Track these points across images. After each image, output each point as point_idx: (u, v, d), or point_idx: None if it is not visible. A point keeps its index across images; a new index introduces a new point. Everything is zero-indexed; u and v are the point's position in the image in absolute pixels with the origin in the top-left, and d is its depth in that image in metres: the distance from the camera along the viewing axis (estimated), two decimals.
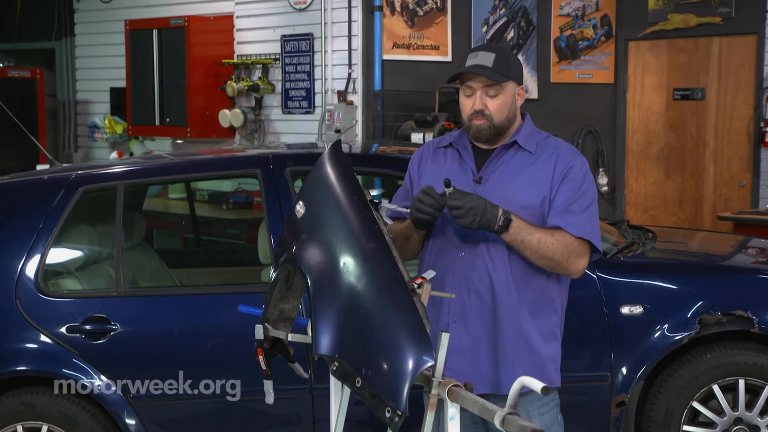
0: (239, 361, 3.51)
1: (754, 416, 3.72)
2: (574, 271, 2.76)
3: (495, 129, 2.76)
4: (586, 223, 2.73)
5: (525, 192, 2.74)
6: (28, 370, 3.58)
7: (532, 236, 2.67)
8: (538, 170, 2.76)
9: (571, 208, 2.72)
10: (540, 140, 2.83)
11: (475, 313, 2.76)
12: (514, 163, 2.79)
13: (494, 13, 7.47)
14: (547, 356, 2.81)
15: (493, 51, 2.76)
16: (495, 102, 2.75)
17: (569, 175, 2.74)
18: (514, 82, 2.78)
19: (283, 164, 3.79)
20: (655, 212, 7.69)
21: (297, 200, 2.60)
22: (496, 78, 2.72)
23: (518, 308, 2.75)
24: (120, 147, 8.93)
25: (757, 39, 7.02)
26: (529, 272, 2.75)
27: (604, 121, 7.75)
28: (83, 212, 3.90)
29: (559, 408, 2.92)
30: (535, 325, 2.78)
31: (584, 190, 2.75)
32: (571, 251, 2.71)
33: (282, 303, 2.61)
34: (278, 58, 7.66)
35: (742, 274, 4.03)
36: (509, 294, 2.74)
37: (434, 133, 6.57)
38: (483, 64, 2.73)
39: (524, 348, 2.76)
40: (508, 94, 2.77)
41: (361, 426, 3.61)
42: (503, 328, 2.75)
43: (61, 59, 9.63)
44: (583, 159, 2.81)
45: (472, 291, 2.76)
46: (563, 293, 2.88)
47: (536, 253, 2.69)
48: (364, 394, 2.22)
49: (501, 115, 2.76)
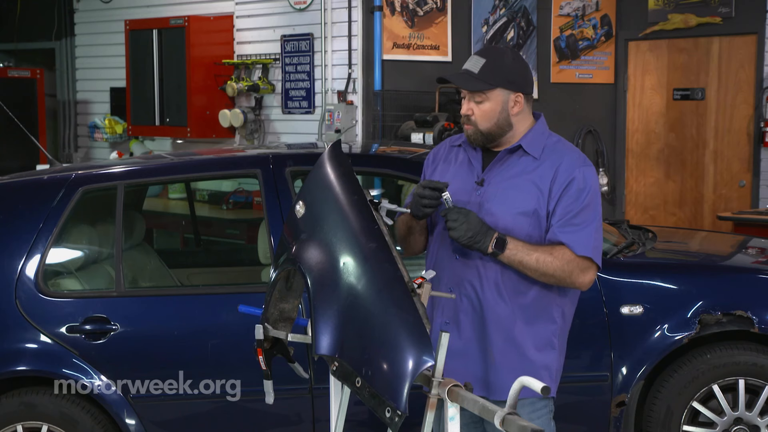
0: (239, 361, 3.52)
1: (754, 416, 3.72)
2: (580, 286, 2.73)
3: (482, 135, 2.74)
4: (589, 238, 2.68)
5: (523, 198, 2.70)
6: (28, 370, 3.58)
7: (529, 257, 2.65)
8: (540, 177, 2.71)
9: (573, 221, 2.67)
10: (548, 145, 2.76)
11: (466, 317, 2.76)
12: (517, 167, 2.74)
13: (494, 13, 7.47)
14: (541, 364, 2.76)
15: (485, 56, 2.72)
16: (479, 109, 2.72)
17: (571, 186, 2.68)
18: (506, 90, 2.71)
19: (283, 164, 3.79)
20: (655, 212, 7.69)
21: (297, 200, 2.60)
22: (474, 86, 2.69)
23: (509, 315, 2.72)
24: (120, 147, 8.93)
25: (757, 39, 7.02)
26: (522, 280, 2.71)
27: (604, 121, 7.75)
28: (83, 212, 3.90)
29: (552, 415, 2.87)
30: (529, 333, 2.74)
31: (587, 203, 2.69)
32: (573, 268, 2.67)
33: (282, 303, 2.61)
34: (278, 58, 7.66)
35: (742, 274, 4.03)
36: (500, 300, 2.72)
37: (434, 133, 6.57)
38: (469, 70, 2.72)
39: (514, 355, 2.73)
40: (495, 101, 2.71)
41: (361, 426, 3.61)
42: (492, 334, 2.73)
43: (61, 59, 9.62)
44: (587, 169, 2.73)
45: (463, 295, 2.76)
46: (565, 302, 2.81)
47: (536, 272, 2.67)
48: (364, 394, 2.22)
49: (487, 122, 2.72)
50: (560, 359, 2.84)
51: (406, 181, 4.62)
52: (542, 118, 2.83)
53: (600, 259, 2.73)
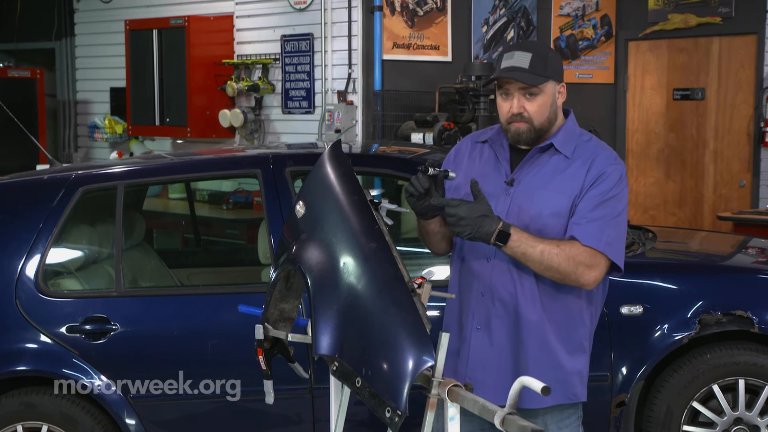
0: (239, 361, 3.51)
1: (754, 416, 3.72)
2: (584, 283, 2.59)
3: (536, 132, 2.63)
4: (600, 231, 2.57)
5: (556, 199, 2.61)
6: (28, 370, 3.58)
7: (534, 248, 2.54)
8: (572, 176, 2.62)
9: (589, 215, 2.58)
10: (579, 143, 2.67)
11: (499, 322, 2.66)
12: (549, 167, 2.65)
13: (494, 13, 7.47)
14: (573, 370, 2.68)
15: (529, 50, 2.62)
16: (533, 104, 2.61)
17: (599, 181, 2.59)
18: (554, 81, 2.64)
19: (283, 164, 3.79)
20: (655, 212, 7.68)
21: (297, 200, 2.60)
22: (533, 81, 2.58)
23: (544, 320, 2.63)
24: (120, 147, 8.93)
25: (757, 39, 7.02)
26: (558, 287, 2.62)
27: (604, 121, 7.75)
28: (83, 212, 3.90)
29: (581, 422, 2.80)
30: (562, 338, 2.66)
31: (610, 197, 2.59)
32: (579, 262, 2.55)
33: (282, 303, 2.61)
34: (278, 58, 7.66)
35: (742, 274, 4.03)
36: (534, 306, 2.63)
37: (434, 133, 6.57)
38: (519, 65, 2.59)
39: (548, 362, 2.64)
40: (548, 94, 2.62)
41: (361, 426, 3.61)
42: (526, 341, 2.64)
43: (61, 59, 9.62)
44: (618, 167, 2.64)
45: (497, 299, 2.66)
46: (594, 303, 2.73)
47: (540, 265, 2.55)
48: (364, 394, 2.21)
49: (541, 117, 2.62)
50: (589, 362, 2.76)
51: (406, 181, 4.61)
52: (572, 115, 2.74)
53: (617, 257, 2.61)
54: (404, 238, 5.36)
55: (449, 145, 6.38)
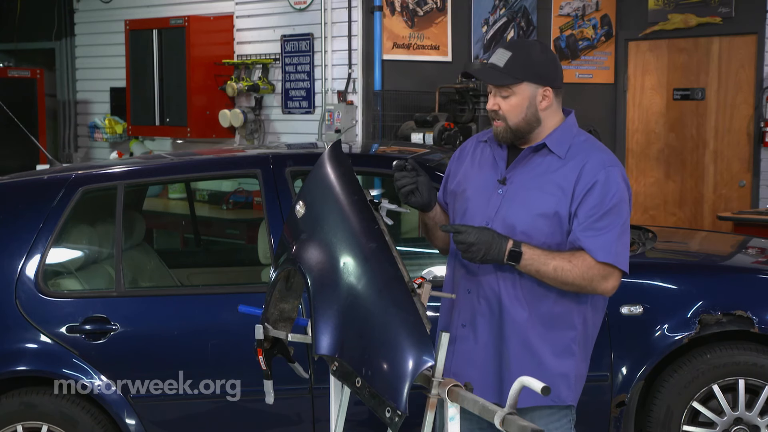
0: (239, 361, 3.51)
1: (754, 416, 3.72)
2: (602, 293, 2.62)
3: (512, 132, 2.64)
4: (611, 243, 2.56)
5: (545, 199, 2.60)
6: (28, 370, 3.58)
7: (547, 266, 2.55)
8: (563, 178, 2.60)
9: (595, 225, 2.56)
10: (574, 144, 2.65)
11: (483, 319, 2.68)
12: (542, 167, 2.64)
13: (494, 13, 7.47)
14: (557, 372, 2.66)
15: (511, 49, 2.62)
16: (506, 104, 2.63)
17: (594, 188, 2.56)
18: (533, 84, 2.62)
19: (283, 164, 3.79)
20: (655, 212, 7.68)
21: (297, 200, 2.60)
22: (499, 81, 2.60)
23: (528, 320, 2.63)
24: (120, 147, 8.93)
25: (757, 39, 7.02)
26: (541, 285, 2.62)
27: (604, 121, 7.75)
28: (83, 212, 3.90)
29: (573, 425, 2.78)
30: (547, 339, 2.65)
31: (611, 206, 2.57)
32: (594, 275, 2.56)
33: (282, 303, 2.61)
34: (278, 58, 7.66)
35: (742, 274, 4.03)
36: (518, 305, 2.63)
37: (434, 133, 6.57)
38: (495, 63, 2.62)
39: (530, 361, 2.63)
40: (522, 96, 2.62)
41: (361, 426, 3.61)
42: (509, 339, 2.64)
43: (61, 59, 9.62)
44: (614, 170, 2.60)
45: (481, 297, 2.67)
46: (586, 308, 2.70)
47: (555, 281, 2.57)
48: (364, 394, 2.22)
49: (515, 118, 2.62)
50: (581, 366, 2.74)
51: None
52: (572, 115, 2.73)
53: (626, 265, 2.61)
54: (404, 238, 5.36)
55: (449, 145, 6.38)
